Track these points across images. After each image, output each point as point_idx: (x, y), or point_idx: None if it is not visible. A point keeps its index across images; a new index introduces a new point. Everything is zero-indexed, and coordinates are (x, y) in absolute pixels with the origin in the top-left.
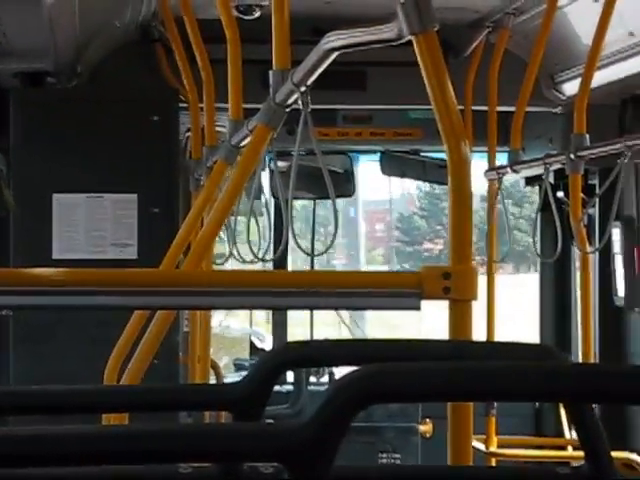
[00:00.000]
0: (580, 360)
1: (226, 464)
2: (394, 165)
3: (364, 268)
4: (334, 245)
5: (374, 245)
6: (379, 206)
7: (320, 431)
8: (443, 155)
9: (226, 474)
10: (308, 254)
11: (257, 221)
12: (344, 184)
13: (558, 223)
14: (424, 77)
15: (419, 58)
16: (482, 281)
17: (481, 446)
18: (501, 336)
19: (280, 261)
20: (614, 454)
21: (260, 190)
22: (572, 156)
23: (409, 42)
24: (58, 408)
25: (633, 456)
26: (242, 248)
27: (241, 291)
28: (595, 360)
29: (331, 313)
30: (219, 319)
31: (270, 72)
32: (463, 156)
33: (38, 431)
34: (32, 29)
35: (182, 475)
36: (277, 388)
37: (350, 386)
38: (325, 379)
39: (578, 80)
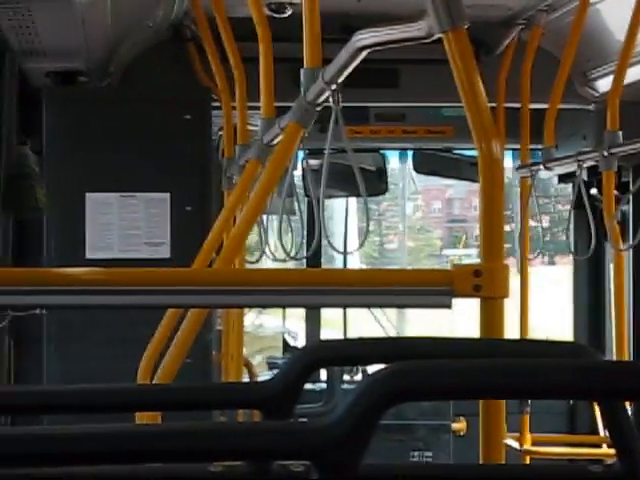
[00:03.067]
0: (614, 358)
1: (256, 462)
2: (427, 163)
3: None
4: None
5: (427, 226)
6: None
7: (349, 429)
8: (476, 153)
9: (256, 472)
10: (340, 252)
11: (289, 219)
12: (376, 182)
13: (591, 220)
14: (454, 75)
15: (449, 56)
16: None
17: (515, 444)
18: (539, 327)
19: (313, 259)
20: None
21: (292, 188)
22: (605, 153)
23: (441, 39)
24: (91, 407)
25: None
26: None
27: (273, 289)
28: (629, 357)
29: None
30: (252, 317)
31: (301, 70)
32: (494, 154)
33: (68, 430)
34: (64, 28)
35: (212, 473)
36: (311, 386)
37: (380, 383)
38: (359, 377)
39: (611, 77)
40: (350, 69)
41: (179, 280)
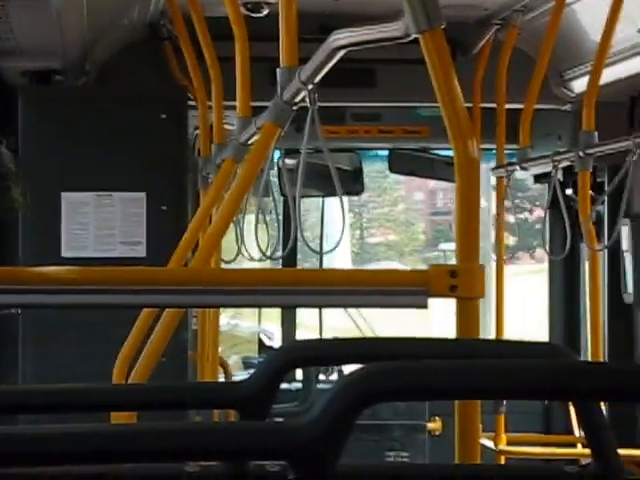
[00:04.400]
0: (589, 358)
1: (232, 462)
2: (403, 163)
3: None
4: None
5: (412, 219)
6: None
7: (325, 429)
8: (452, 153)
9: (232, 472)
10: (316, 252)
11: (265, 219)
12: (352, 182)
13: (567, 221)
14: (431, 75)
15: (426, 56)
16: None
17: (490, 444)
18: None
19: (289, 259)
20: (624, 452)
21: (268, 188)
22: (581, 153)
23: (417, 39)
24: (66, 407)
25: None
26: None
27: (249, 289)
28: (604, 358)
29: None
30: (228, 316)
31: (278, 70)
32: (470, 154)
33: (43, 430)
34: (40, 27)
35: (188, 473)
36: (286, 386)
37: (355, 384)
38: (334, 377)
39: (587, 77)
40: (327, 69)
41: (155, 279)
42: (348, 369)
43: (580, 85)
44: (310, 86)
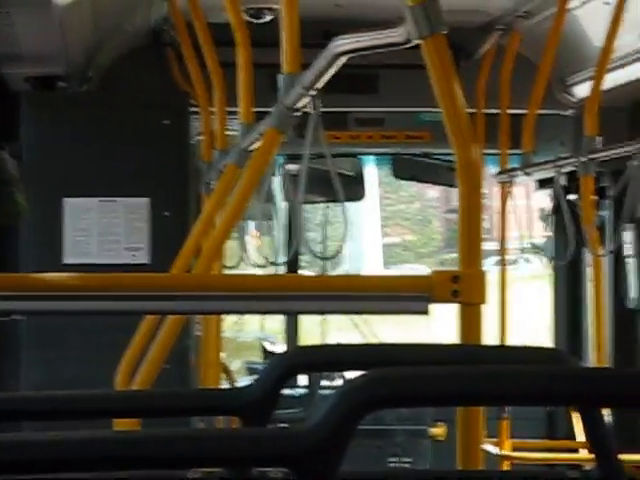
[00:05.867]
0: (593, 362)
1: (234, 469)
2: (406, 168)
3: None
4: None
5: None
6: None
7: (327, 435)
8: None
9: (235, 479)
10: (319, 257)
11: (268, 224)
12: (354, 187)
13: (570, 226)
14: (433, 81)
15: (427, 62)
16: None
17: (494, 449)
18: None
19: (292, 264)
20: (627, 457)
21: (271, 194)
22: (584, 158)
23: (420, 44)
24: (69, 413)
25: None
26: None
27: (251, 295)
28: (608, 362)
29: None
30: (231, 322)
31: (280, 76)
32: (472, 160)
33: (47, 437)
34: (43, 34)
35: None
36: (290, 392)
37: (357, 390)
38: (338, 382)
39: (589, 83)
40: (329, 75)
41: (158, 285)
42: (352, 374)
43: (582, 90)
44: (312, 92)
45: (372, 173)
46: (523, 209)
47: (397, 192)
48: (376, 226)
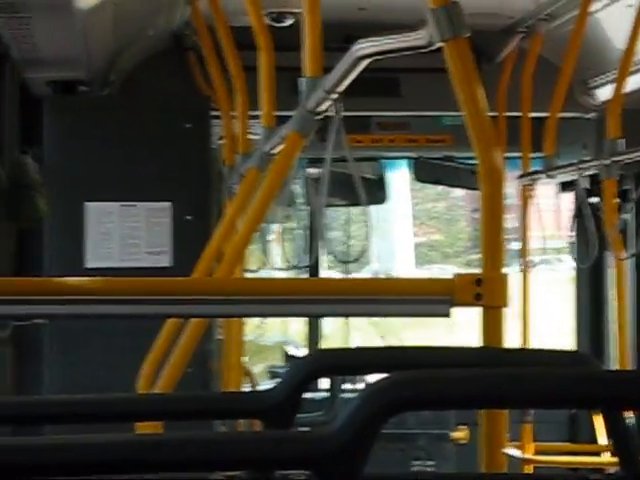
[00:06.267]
0: (615, 365)
1: (257, 472)
2: (428, 171)
3: None
4: None
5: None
6: None
7: (350, 438)
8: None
9: None
10: (341, 261)
11: (290, 228)
12: (376, 191)
13: (592, 229)
14: (455, 84)
15: (449, 65)
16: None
17: (516, 453)
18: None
19: (314, 268)
20: None
21: (293, 197)
22: (606, 161)
23: (441, 48)
24: (91, 417)
25: None
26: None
27: (273, 299)
28: (630, 365)
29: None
30: (253, 326)
31: (302, 80)
32: (494, 163)
33: (70, 440)
34: (65, 38)
35: None
36: (312, 395)
37: (380, 393)
38: (360, 386)
39: (611, 85)
40: (351, 78)
41: (179, 289)
42: (375, 377)
43: (604, 93)
44: (334, 95)
45: (403, 173)
46: (553, 208)
47: (422, 190)
48: (408, 226)
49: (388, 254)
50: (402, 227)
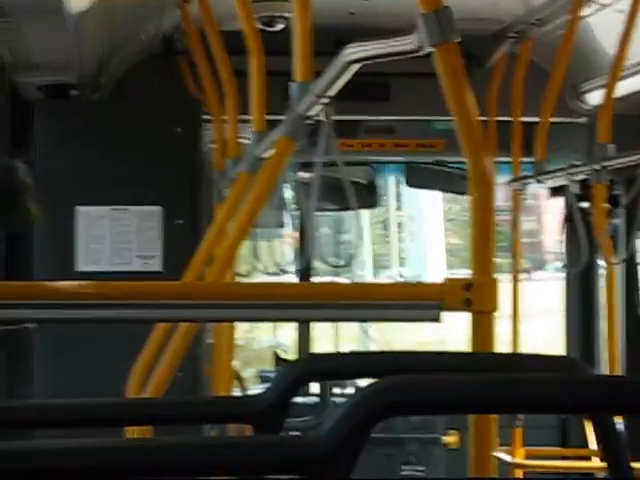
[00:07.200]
0: (605, 370)
1: (246, 477)
2: (419, 176)
3: None
4: None
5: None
6: None
7: (339, 443)
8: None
9: None
10: (330, 265)
11: (280, 233)
12: (367, 195)
13: (582, 234)
14: (444, 89)
15: (439, 70)
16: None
17: (507, 457)
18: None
19: (305, 272)
20: (639, 465)
21: (283, 201)
22: (596, 166)
23: (431, 53)
24: (81, 421)
25: None
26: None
27: (263, 303)
28: (620, 370)
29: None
30: (243, 330)
31: (292, 84)
32: (484, 168)
33: (59, 444)
34: (56, 42)
35: None
36: (302, 400)
37: (369, 398)
38: (350, 391)
39: (602, 90)
40: (341, 83)
41: (170, 293)
42: (365, 382)
43: (595, 98)
44: (325, 100)
45: None
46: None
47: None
48: (439, 229)
49: (418, 258)
50: (433, 230)
